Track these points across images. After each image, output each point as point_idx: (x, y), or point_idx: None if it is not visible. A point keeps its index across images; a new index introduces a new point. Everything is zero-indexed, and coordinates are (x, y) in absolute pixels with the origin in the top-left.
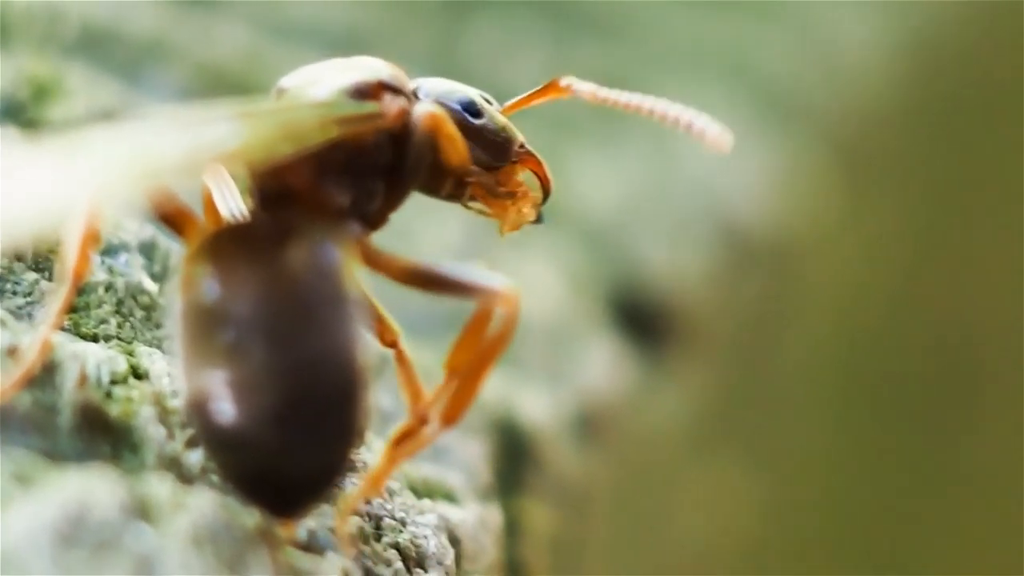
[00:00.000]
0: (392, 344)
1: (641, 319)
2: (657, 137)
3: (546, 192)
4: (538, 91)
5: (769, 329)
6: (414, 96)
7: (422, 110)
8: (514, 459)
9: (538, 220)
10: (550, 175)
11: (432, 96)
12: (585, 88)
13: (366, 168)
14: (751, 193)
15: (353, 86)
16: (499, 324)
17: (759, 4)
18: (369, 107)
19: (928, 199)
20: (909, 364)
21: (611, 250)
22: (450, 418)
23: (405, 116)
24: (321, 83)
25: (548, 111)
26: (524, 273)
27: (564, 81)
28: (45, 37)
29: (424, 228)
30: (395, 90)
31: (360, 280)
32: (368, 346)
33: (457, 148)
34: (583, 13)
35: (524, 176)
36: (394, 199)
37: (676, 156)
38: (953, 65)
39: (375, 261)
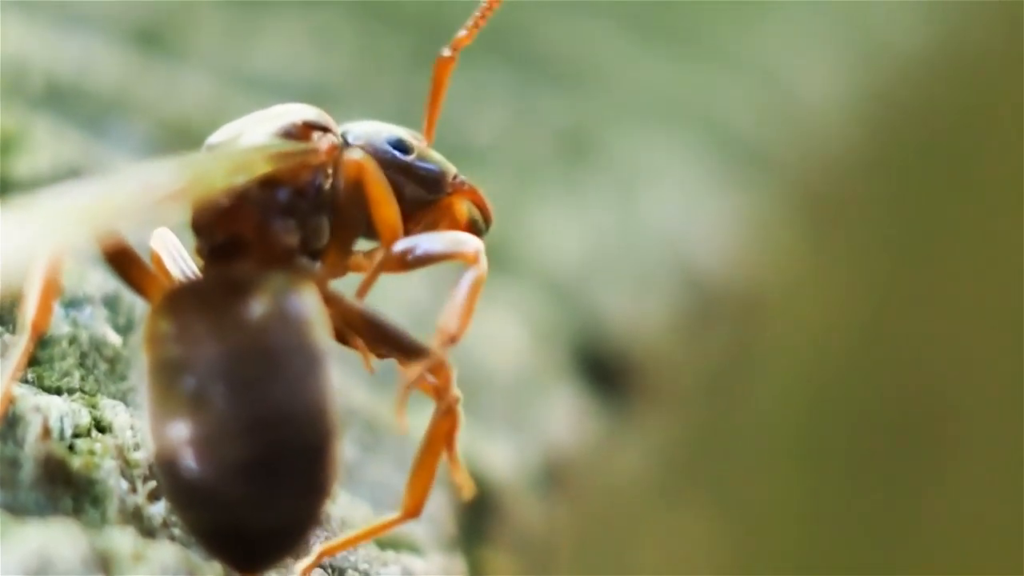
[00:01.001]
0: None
1: (605, 370)
2: (621, 187)
3: (487, 220)
4: (434, 82)
5: (733, 379)
6: (343, 140)
7: (347, 157)
8: (478, 510)
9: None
10: (488, 203)
11: (360, 138)
12: (461, 35)
13: (308, 207)
14: (715, 244)
15: (280, 130)
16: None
17: (722, 55)
18: (301, 145)
19: (892, 249)
20: (874, 413)
21: (574, 301)
22: (412, 509)
23: (337, 152)
24: (248, 133)
25: (508, 161)
26: (487, 324)
27: (444, 52)
28: (10, 90)
29: (387, 284)
30: (323, 129)
31: (327, 326)
32: (337, 397)
33: (384, 195)
34: (548, 64)
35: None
36: (342, 239)
37: (640, 206)
38: (916, 116)
39: (333, 304)
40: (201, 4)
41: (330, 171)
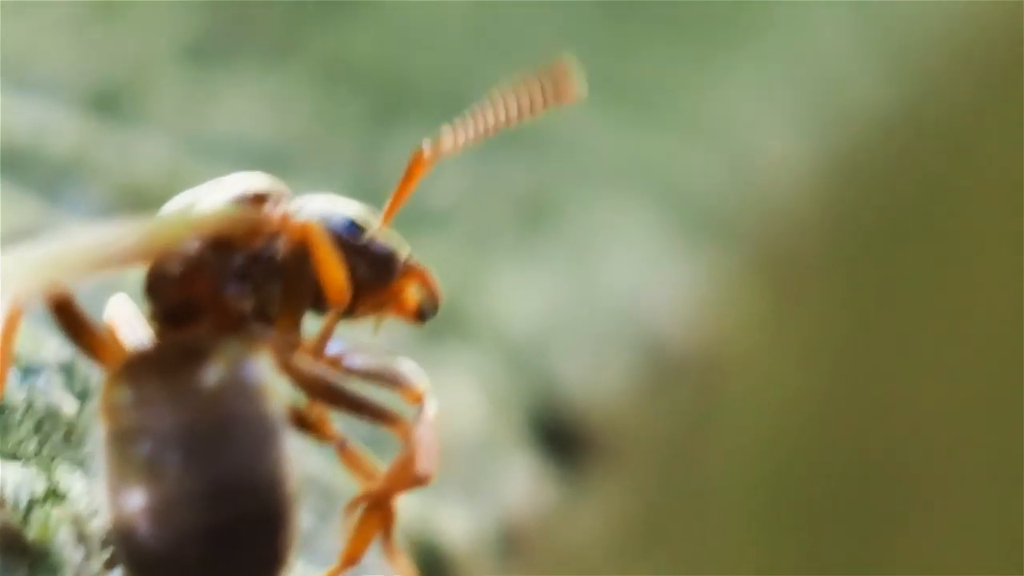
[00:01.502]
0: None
1: (562, 435)
2: (579, 251)
3: (435, 305)
4: (407, 174)
5: (692, 444)
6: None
7: (296, 221)
8: None
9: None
10: (438, 288)
11: (314, 215)
12: (447, 142)
13: (262, 273)
14: (673, 308)
15: (234, 198)
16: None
17: (681, 119)
18: (253, 212)
19: (852, 314)
20: (834, 479)
21: (532, 366)
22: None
23: (288, 221)
24: (202, 201)
25: (466, 225)
26: (443, 390)
27: (426, 149)
28: None
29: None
30: (276, 197)
31: (283, 392)
32: (294, 465)
33: (331, 256)
34: (505, 128)
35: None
36: (291, 305)
37: (598, 271)
38: (877, 180)
39: (292, 363)
40: (158, 68)
41: (285, 239)
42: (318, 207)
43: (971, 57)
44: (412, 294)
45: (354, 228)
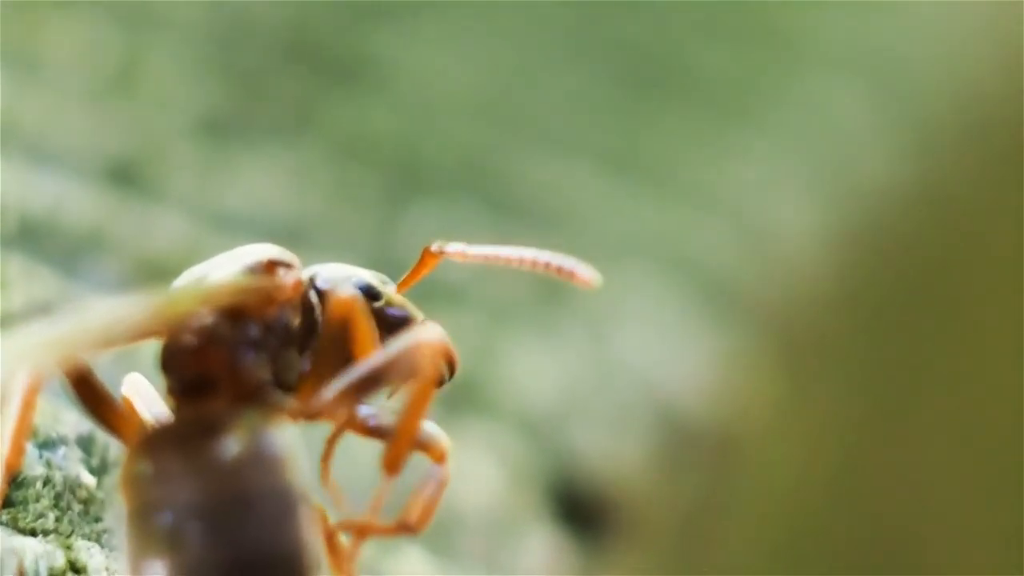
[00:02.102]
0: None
1: (580, 509)
2: (596, 326)
3: (452, 369)
4: (416, 266)
5: (709, 519)
6: (311, 282)
7: (337, 295)
8: None
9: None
10: (455, 350)
11: (329, 281)
12: (454, 249)
13: (277, 341)
14: (690, 383)
15: (246, 268)
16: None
17: (698, 194)
18: (265, 281)
19: (869, 388)
20: (851, 555)
21: (550, 440)
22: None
23: (301, 288)
24: (214, 273)
25: (483, 300)
26: (462, 463)
27: (434, 247)
28: None
29: None
30: (286, 266)
31: (303, 464)
32: (314, 537)
33: (370, 337)
34: (522, 202)
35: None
36: (319, 374)
37: (615, 345)
38: (893, 255)
39: (313, 413)
40: (175, 141)
41: (299, 306)
42: (333, 272)
43: (983, 133)
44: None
45: (371, 292)
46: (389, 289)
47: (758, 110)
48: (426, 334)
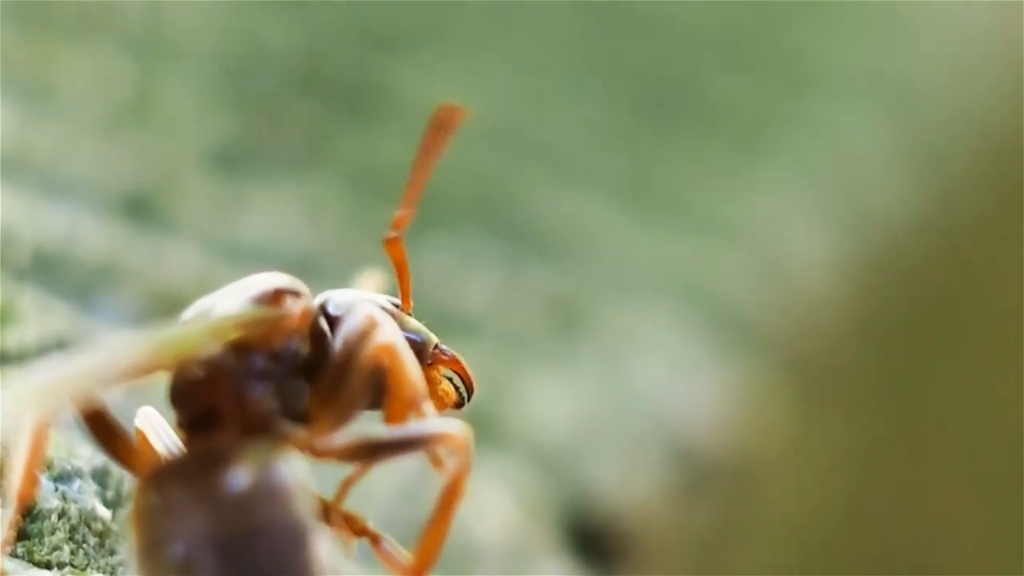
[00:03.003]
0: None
1: (595, 541)
2: (610, 357)
3: (469, 390)
4: (392, 262)
5: (723, 550)
6: (322, 309)
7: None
8: None
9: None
10: (470, 373)
11: (341, 307)
12: (401, 212)
13: (284, 371)
14: (705, 413)
15: (253, 298)
16: (451, 469)
17: (711, 224)
18: (273, 311)
19: (883, 417)
20: None
21: (563, 471)
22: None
23: (310, 316)
24: (221, 304)
25: (497, 331)
26: (476, 496)
27: (390, 234)
28: None
29: None
30: (294, 294)
31: (312, 494)
32: (325, 570)
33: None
34: (536, 234)
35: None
36: (323, 403)
37: (629, 376)
38: (907, 283)
39: (320, 452)
40: (188, 173)
41: (308, 334)
42: (344, 298)
43: (995, 162)
44: (445, 383)
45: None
46: (401, 313)
47: (773, 139)
48: (451, 427)
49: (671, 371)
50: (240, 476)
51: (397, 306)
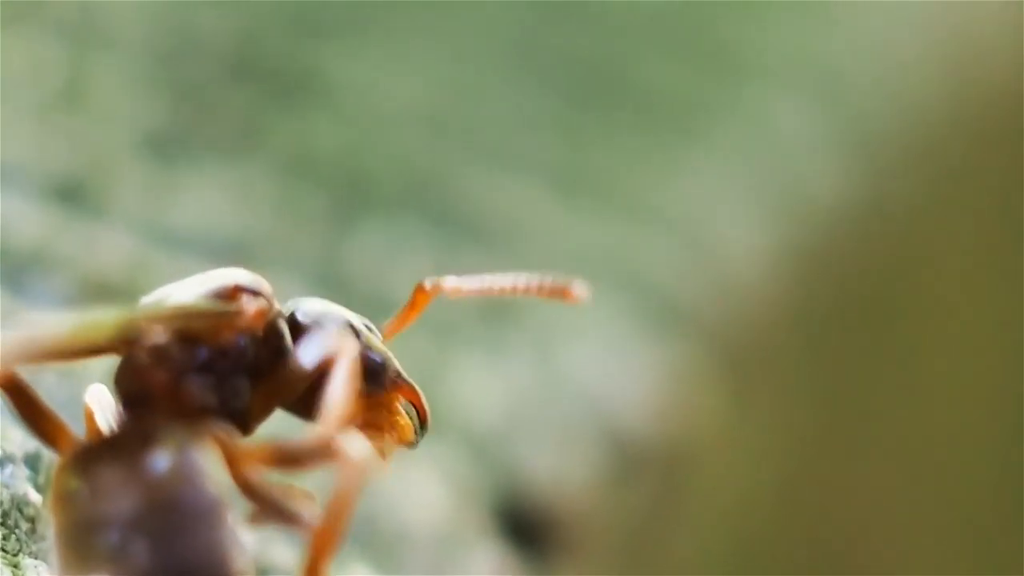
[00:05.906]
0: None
1: (527, 527)
2: (542, 343)
3: (423, 423)
4: (409, 304)
5: (656, 535)
6: (288, 314)
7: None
8: None
9: (412, 445)
10: (427, 406)
11: (309, 316)
12: (449, 285)
13: (228, 368)
14: (637, 399)
15: (211, 291)
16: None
17: (642, 210)
18: (227, 306)
19: (815, 402)
20: (798, 563)
21: (495, 457)
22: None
23: (265, 316)
24: (178, 294)
25: (429, 318)
26: (408, 482)
27: (428, 284)
28: None
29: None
30: (253, 293)
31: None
32: (239, 551)
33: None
34: (469, 220)
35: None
36: (263, 404)
37: (561, 362)
38: (838, 270)
39: (235, 458)
40: (121, 159)
41: (263, 335)
42: (314, 308)
43: (930, 150)
44: (399, 409)
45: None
46: (370, 334)
47: (705, 126)
48: (356, 450)
49: (603, 357)
50: (152, 457)
51: (369, 328)
